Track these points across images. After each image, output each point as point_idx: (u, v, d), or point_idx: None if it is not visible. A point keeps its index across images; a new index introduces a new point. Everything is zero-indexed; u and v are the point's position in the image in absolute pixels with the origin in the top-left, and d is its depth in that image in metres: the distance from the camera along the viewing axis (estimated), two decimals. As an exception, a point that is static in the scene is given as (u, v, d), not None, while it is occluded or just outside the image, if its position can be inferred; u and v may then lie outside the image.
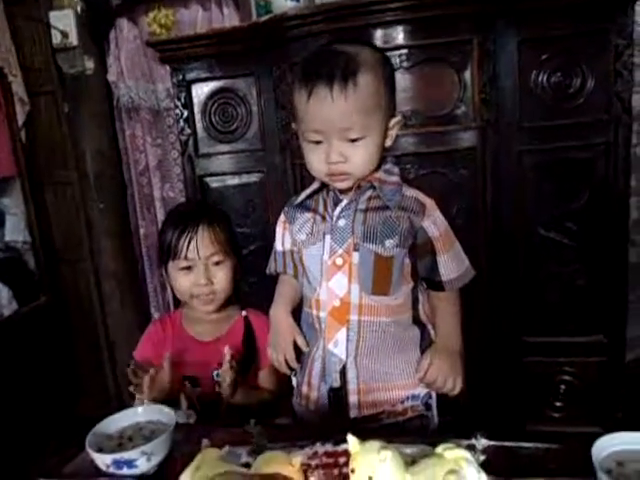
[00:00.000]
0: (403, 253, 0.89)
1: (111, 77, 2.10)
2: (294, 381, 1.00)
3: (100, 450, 0.74)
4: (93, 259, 2.23)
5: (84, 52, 2.06)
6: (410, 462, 0.52)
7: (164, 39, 1.64)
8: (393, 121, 0.87)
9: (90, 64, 2.08)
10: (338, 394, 0.90)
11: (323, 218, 0.92)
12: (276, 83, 1.58)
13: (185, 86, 1.65)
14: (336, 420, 0.90)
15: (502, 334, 1.56)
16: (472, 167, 1.45)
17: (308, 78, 0.81)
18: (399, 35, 1.40)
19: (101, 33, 2.07)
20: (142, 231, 2.30)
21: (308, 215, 0.94)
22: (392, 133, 0.88)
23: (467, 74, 1.42)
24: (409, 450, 0.55)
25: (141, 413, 0.83)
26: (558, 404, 1.61)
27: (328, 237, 0.90)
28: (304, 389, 0.96)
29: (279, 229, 1.02)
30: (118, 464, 0.70)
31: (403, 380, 0.91)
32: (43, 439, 1.75)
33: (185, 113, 1.67)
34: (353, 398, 0.89)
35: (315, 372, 0.93)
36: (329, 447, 0.63)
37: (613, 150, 1.43)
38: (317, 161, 0.86)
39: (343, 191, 0.90)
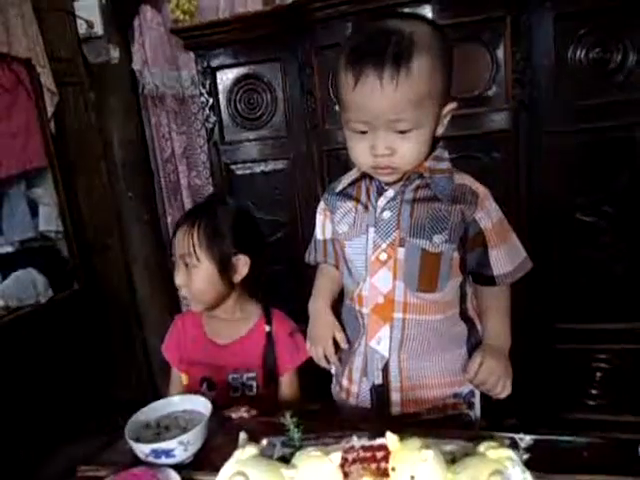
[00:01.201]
0: (452, 248, 0.82)
1: (136, 66, 2.10)
2: (333, 369, 0.98)
3: (138, 439, 0.75)
4: (123, 246, 2.26)
5: (109, 41, 2.07)
6: (450, 461, 0.51)
7: (188, 26, 1.63)
8: (447, 108, 0.78)
9: (115, 53, 2.09)
10: (380, 391, 0.87)
11: (366, 208, 0.86)
12: (302, 68, 1.56)
13: (210, 73, 1.64)
14: (376, 416, 0.89)
15: (535, 320, 1.53)
16: (506, 150, 1.40)
17: (355, 62, 0.73)
18: (428, 14, 1.35)
19: (125, 21, 2.07)
20: (169, 218, 2.32)
21: (350, 204, 0.89)
22: (445, 121, 0.80)
23: (500, 53, 1.37)
24: (449, 447, 0.54)
25: (177, 402, 0.84)
26: (594, 392, 1.57)
27: (372, 230, 0.85)
28: (344, 382, 0.94)
29: (319, 217, 0.98)
30: (156, 453, 0.72)
31: (447, 378, 0.87)
32: (80, 422, 1.81)
33: (210, 100, 1.66)
34: (395, 396, 0.87)
35: (356, 366, 0.90)
36: (365, 441, 0.62)
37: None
38: (362, 152, 0.79)
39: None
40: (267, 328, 1.07)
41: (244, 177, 1.70)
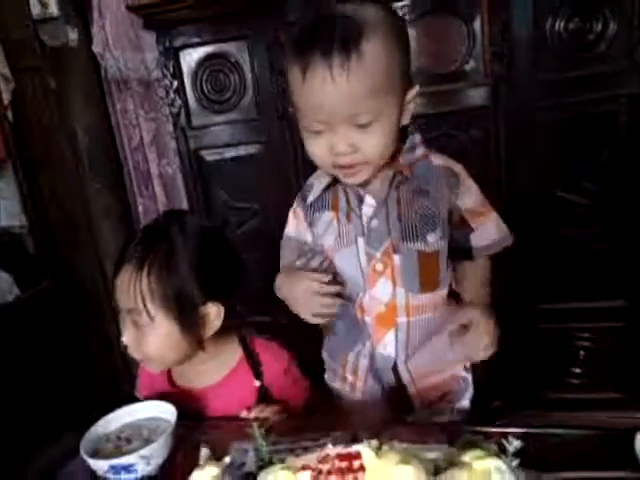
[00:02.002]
0: (446, 241, 0.80)
1: (96, 48, 1.98)
2: (324, 355, 0.95)
3: (97, 453, 0.69)
4: (93, 241, 2.17)
5: (66, 22, 1.94)
6: (433, 471, 0.46)
7: (146, 2, 1.53)
8: (411, 93, 0.72)
9: (74, 35, 1.97)
10: (395, 388, 0.86)
11: (348, 217, 0.80)
12: (271, 46, 1.48)
13: (172, 53, 1.55)
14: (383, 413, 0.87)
15: (517, 301, 1.50)
16: (484, 127, 1.35)
17: (301, 53, 0.66)
18: (400, -15, 1.28)
19: (83, 1, 1.95)
20: (140, 209, 2.23)
21: (329, 215, 0.82)
22: (410, 107, 0.73)
23: (476, 25, 1.31)
24: (432, 455, 0.49)
25: (140, 410, 0.78)
26: (577, 371, 1.56)
27: (361, 240, 0.79)
28: (349, 377, 0.89)
29: (300, 227, 0.87)
30: (115, 469, 0.66)
31: (453, 356, 0.86)
32: (57, 420, 1.74)
33: (174, 83, 1.57)
34: (411, 388, 0.85)
35: (362, 366, 0.86)
36: (341, 449, 0.57)
37: (637, 103, 1.32)
38: (321, 153, 0.72)
39: (362, 183, 0.77)
40: (257, 383, 0.84)
41: (214, 163, 1.62)
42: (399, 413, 0.86)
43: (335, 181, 0.80)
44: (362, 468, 0.51)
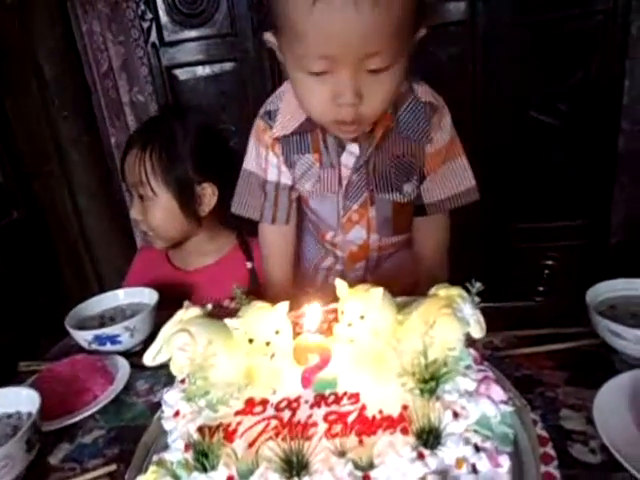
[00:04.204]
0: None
1: (58, -38, 1.86)
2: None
3: (81, 329, 0.72)
4: (63, 171, 2.11)
5: None
6: (402, 306, 0.49)
7: None
8: (419, 35, 0.60)
9: (32, -53, 1.84)
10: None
11: (331, 165, 0.73)
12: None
13: (142, -38, 1.46)
14: None
15: (493, 220, 1.54)
16: (461, 43, 1.34)
17: None
18: None
19: None
20: (113, 140, 2.17)
21: (310, 158, 0.74)
22: (413, 45, 0.61)
23: None
24: (399, 299, 0.52)
25: (122, 296, 0.80)
26: (541, 289, 1.64)
27: (340, 191, 0.75)
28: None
29: (267, 155, 0.77)
30: (101, 340, 0.69)
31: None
32: (33, 347, 1.75)
33: (145, -5, 1.50)
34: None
35: (320, 277, 0.89)
36: (318, 308, 0.61)
37: (611, 20, 1.33)
38: (320, 101, 0.59)
39: None
40: (249, 265, 0.94)
41: (188, 82, 1.57)
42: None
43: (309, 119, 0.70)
44: (336, 320, 0.54)
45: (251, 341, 0.45)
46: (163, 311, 0.75)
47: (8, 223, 2.01)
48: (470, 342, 0.48)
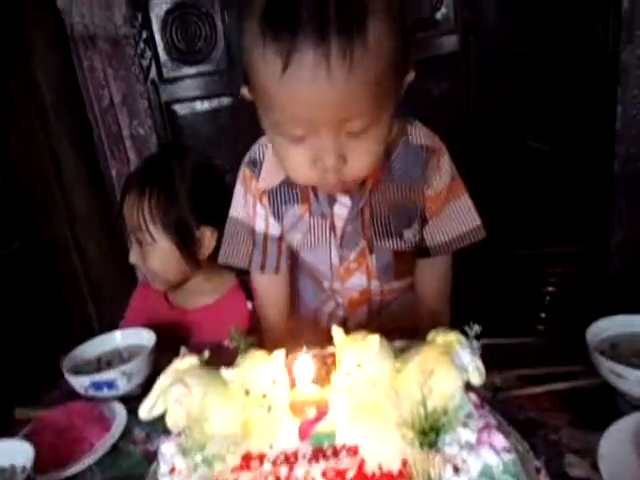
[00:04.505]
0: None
1: (61, 3, 1.92)
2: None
3: (78, 374, 0.71)
4: (64, 202, 2.13)
5: (27, -25, 1.86)
6: (400, 352, 0.49)
7: (112, -51, 1.47)
8: (407, 80, 0.57)
9: (36, -12, 1.89)
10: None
11: (321, 213, 0.71)
12: (240, -5, 1.45)
13: (142, 2, 1.50)
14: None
15: (492, 247, 1.54)
16: (455, 74, 1.37)
17: (278, 28, 0.47)
18: None
19: (44, -48, 1.87)
20: (114, 171, 2.19)
21: (299, 209, 0.71)
22: (401, 92, 0.58)
23: (446, -29, 1.31)
24: (398, 344, 0.52)
25: (119, 338, 0.80)
26: (543, 315, 1.63)
27: (333, 241, 0.72)
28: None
29: (255, 206, 0.74)
30: (97, 385, 0.68)
31: None
32: (31, 384, 1.73)
33: (144, 34, 1.54)
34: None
35: (321, 322, 0.86)
36: (316, 351, 0.60)
37: (602, 50, 1.36)
38: (301, 165, 0.56)
39: None
40: (249, 305, 0.91)
41: (186, 117, 1.60)
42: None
43: None
44: (335, 364, 0.53)
45: (247, 393, 0.45)
46: (161, 352, 0.75)
47: (8, 253, 2.01)
48: (470, 385, 0.47)
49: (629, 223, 1.66)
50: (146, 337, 0.77)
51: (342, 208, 0.70)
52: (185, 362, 0.49)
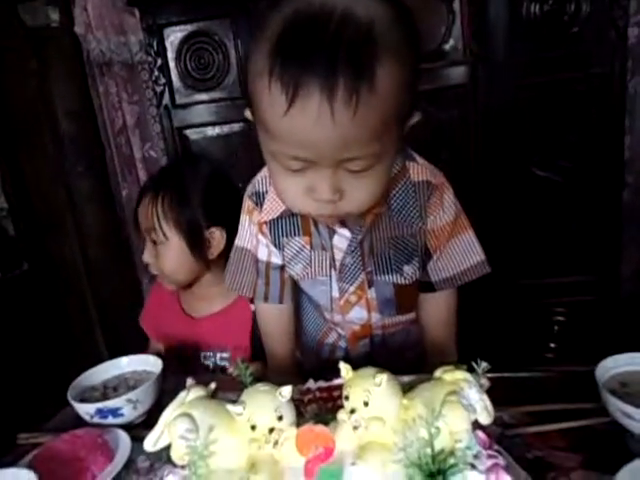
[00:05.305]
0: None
1: (78, 29, 1.97)
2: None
3: (83, 401, 0.71)
4: (76, 224, 2.16)
5: (48, 3, 1.93)
6: (407, 389, 0.49)
7: (130, -20, 1.53)
8: (412, 121, 0.56)
9: (55, 16, 1.95)
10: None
11: (321, 245, 0.71)
12: (254, 24, 1.49)
13: (156, 31, 1.55)
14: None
15: (500, 277, 1.54)
16: (463, 105, 1.39)
17: (286, 70, 0.46)
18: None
19: (64, -20, 1.93)
20: (125, 193, 2.22)
21: (299, 241, 0.71)
22: (404, 133, 0.57)
23: (455, 4, 1.34)
24: (406, 378, 0.52)
25: (125, 364, 0.80)
26: (552, 345, 1.61)
27: (334, 274, 0.73)
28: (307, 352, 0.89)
29: (261, 244, 0.76)
30: (102, 413, 0.67)
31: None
32: (39, 410, 1.73)
33: (158, 61, 1.58)
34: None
35: (324, 352, 0.87)
36: (322, 383, 0.60)
37: (609, 82, 1.37)
38: (296, 195, 0.56)
39: None
40: (252, 307, 0.94)
41: (198, 142, 1.63)
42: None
43: None
44: (341, 397, 0.53)
45: (253, 428, 0.44)
46: (167, 378, 0.75)
47: (18, 275, 2.03)
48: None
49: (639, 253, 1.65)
50: (153, 363, 0.77)
51: (341, 240, 0.70)
52: (192, 394, 0.49)
